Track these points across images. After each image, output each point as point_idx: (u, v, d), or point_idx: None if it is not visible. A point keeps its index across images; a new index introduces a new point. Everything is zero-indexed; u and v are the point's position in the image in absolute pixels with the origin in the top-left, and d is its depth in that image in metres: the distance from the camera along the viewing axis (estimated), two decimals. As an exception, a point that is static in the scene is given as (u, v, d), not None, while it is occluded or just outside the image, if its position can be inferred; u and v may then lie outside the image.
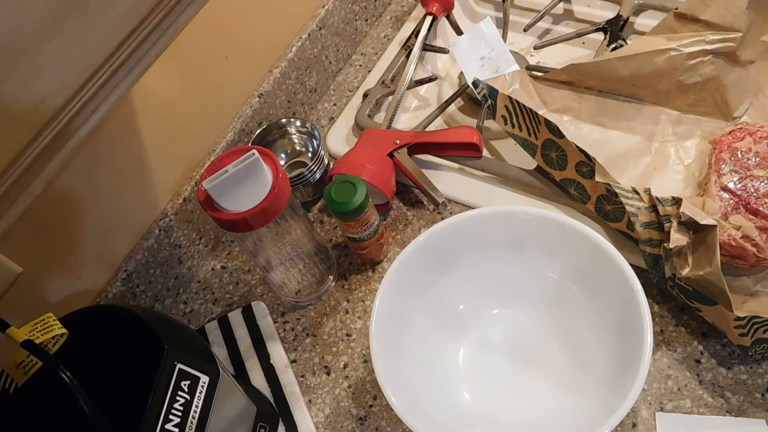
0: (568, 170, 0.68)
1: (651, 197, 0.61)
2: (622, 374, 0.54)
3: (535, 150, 0.71)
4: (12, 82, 0.40)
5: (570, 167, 0.67)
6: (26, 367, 0.44)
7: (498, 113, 0.73)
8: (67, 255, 0.64)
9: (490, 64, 0.79)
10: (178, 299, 0.77)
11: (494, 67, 0.79)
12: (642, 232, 0.61)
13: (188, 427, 0.49)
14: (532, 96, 0.76)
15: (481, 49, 0.80)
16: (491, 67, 0.79)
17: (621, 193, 0.62)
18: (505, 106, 0.72)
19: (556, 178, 0.70)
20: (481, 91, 0.73)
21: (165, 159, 0.72)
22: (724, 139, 0.66)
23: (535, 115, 0.68)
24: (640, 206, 0.61)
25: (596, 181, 0.64)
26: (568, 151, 0.67)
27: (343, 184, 0.66)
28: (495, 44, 0.79)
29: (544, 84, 0.77)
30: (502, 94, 0.71)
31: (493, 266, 0.65)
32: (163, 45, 0.48)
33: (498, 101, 0.72)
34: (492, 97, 0.73)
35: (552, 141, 0.68)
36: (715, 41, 0.69)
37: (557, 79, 0.76)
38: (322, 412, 0.66)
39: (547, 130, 0.68)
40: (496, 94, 0.72)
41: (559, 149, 0.68)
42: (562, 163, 0.68)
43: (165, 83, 0.69)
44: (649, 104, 0.74)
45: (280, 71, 0.82)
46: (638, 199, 0.61)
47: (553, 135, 0.67)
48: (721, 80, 0.70)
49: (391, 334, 0.60)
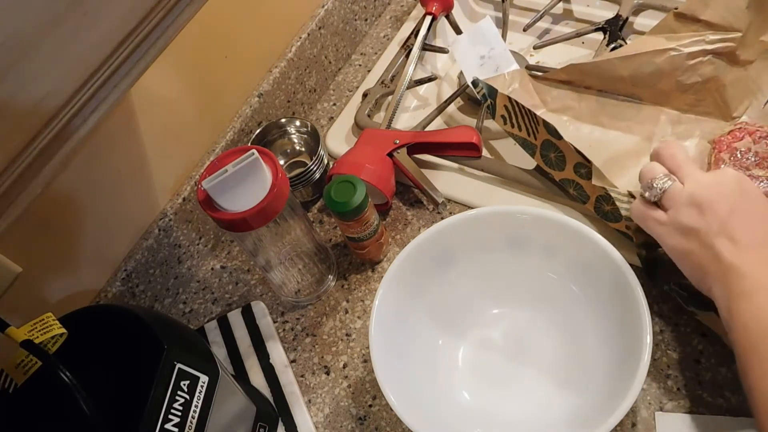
0: (567, 171, 0.68)
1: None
2: (622, 374, 0.54)
3: (535, 150, 0.71)
4: (11, 82, 0.40)
5: (569, 168, 0.67)
6: (26, 366, 0.44)
7: (497, 113, 0.73)
8: (66, 255, 0.64)
9: (489, 63, 0.79)
10: (178, 299, 0.77)
11: (494, 66, 0.79)
12: (638, 236, 0.61)
13: (188, 426, 0.49)
14: (532, 95, 0.76)
15: (481, 48, 0.79)
16: (491, 66, 0.79)
17: (616, 197, 0.62)
18: (505, 105, 0.72)
19: (556, 178, 0.70)
20: (481, 91, 0.73)
21: (164, 159, 0.72)
22: (724, 139, 0.66)
23: (534, 116, 0.68)
24: None
25: (593, 183, 0.64)
26: (566, 153, 0.67)
27: (343, 183, 0.66)
28: (495, 43, 0.79)
29: (544, 83, 0.77)
30: (502, 93, 0.71)
31: (492, 266, 0.65)
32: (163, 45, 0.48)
33: (497, 101, 0.72)
34: (491, 97, 0.73)
35: (551, 142, 0.68)
36: (715, 41, 0.69)
37: (557, 79, 0.76)
38: (321, 411, 0.66)
39: (546, 131, 0.68)
40: (496, 93, 0.72)
41: (557, 150, 0.68)
42: (561, 164, 0.68)
43: (164, 83, 0.69)
44: (648, 104, 0.74)
45: (280, 71, 0.82)
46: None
47: (551, 136, 0.67)
48: (721, 80, 0.70)
49: (391, 334, 0.60)
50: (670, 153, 0.58)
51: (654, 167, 0.57)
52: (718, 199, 0.53)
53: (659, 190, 0.55)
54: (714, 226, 0.52)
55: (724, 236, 0.52)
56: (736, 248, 0.51)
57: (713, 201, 0.53)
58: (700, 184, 0.54)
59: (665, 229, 0.55)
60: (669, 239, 0.55)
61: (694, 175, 0.55)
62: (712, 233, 0.52)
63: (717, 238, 0.52)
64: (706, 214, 0.53)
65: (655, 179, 0.56)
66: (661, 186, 0.55)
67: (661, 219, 0.55)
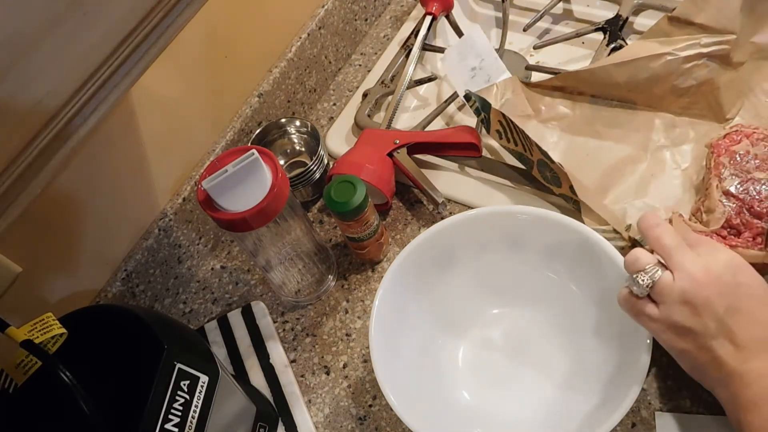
0: (564, 189, 0.68)
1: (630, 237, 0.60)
2: (622, 374, 0.55)
3: (532, 165, 0.71)
4: (11, 82, 0.40)
5: (565, 187, 0.67)
6: (26, 366, 0.44)
7: (492, 128, 0.73)
8: (66, 255, 0.64)
9: (481, 74, 0.78)
10: (178, 299, 0.77)
11: (485, 76, 0.77)
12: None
13: (188, 426, 0.49)
14: (525, 104, 0.74)
15: (471, 60, 0.78)
16: (482, 77, 0.77)
17: (604, 236, 0.60)
18: (499, 121, 0.71)
19: (554, 192, 0.69)
20: (474, 104, 0.73)
21: (164, 159, 0.72)
22: (721, 142, 0.65)
23: (527, 137, 0.68)
24: (622, 246, 0.60)
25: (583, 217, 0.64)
26: (560, 174, 0.67)
27: (343, 184, 0.66)
28: (485, 53, 0.78)
29: (537, 91, 0.76)
30: (495, 109, 0.71)
31: (492, 266, 0.65)
32: (163, 45, 0.48)
33: (491, 116, 0.72)
34: (485, 111, 0.72)
35: (545, 162, 0.68)
36: (709, 44, 0.69)
37: (550, 86, 0.76)
38: (321, 411, 0.66)
39: (539, 152, 0.67)
40: (489, 108, 0.71)
41: (552, 171, 0.67)
42: (557, 182, 0.68)
43: (164, 83, 0.69)
44: (642, 108, 0.74)
45: (280, 71, 0.82)
46: (620, 239, 0.61)
47: (545, 158, 0.67)
48: (715, 82, 0.70)
49: (391, 334, 0.60)
50: (654, 236, 0.52)
51: (639, 257, 0.51)
52: (713, 298, 0.48)
53: (646, 286, 0.50)
54: (711, 327, 0.48)
55: (723, 338, 0.48)
56: (738, 352, 0.48)
57: (708, 299, 0.48)
58: (692, 280, 0.49)
59: (658, 325, 0.51)
60: (663, 335, 0.51)
61: (684, 265, 0.49)
62: (709, 335, 0.48)
63: (715, 340, 0.48)
64: (702, 314, 0.48)
65: (640, 274, 0.51)
66: (647, 282, 0.50)
67: (653, 315, 0.51)
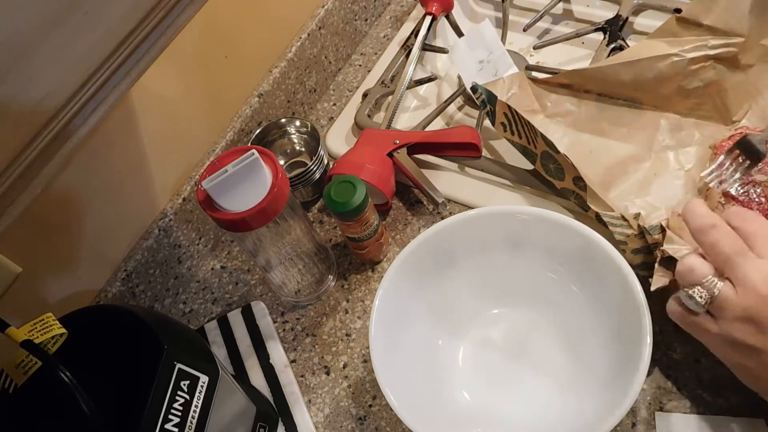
0: (567, 182, 0.68)
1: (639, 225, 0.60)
2: (622, 373, 0.54)
3: (535, 158, 0.71)
4: (10, 83, 0.40)
5: (568, 179, 0.67)
6: (26, 367, 0.44)
7: (497, 120, 0.73)
8: (66, 255, 0.64)
9: (488, 67, 0.79)
10: (178, 299, 0.77)
11: (493, 70, 0.78)
12: (633, 257, 0.60)
13: (188, 426, 0.49)
14: (531, 99, 0.75)
15: (480, 53, 0.79)
16: (490, 70, 0.78)
17: (609, 221, 0.61)
18: (504, 113, 0.71)
19: (557, 186, 0.69)
20: (480, 97, 0.73)
21: (164, 159, 0.72)
22: (725, 144, 0.66)
23: (533, 128, 0.68)
24: (629, 233, 0.60)
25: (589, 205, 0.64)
26: (564, 166, 0.66)
27: (343, 184, 0.66)
28: (494, 47, 0.79)
29: (543, 87, 0.76)
30: (501, 101, 0.71)
31: (492, 266, 0.65)
32: (163, 45, 0.48)
33: (497, 108, 0.72)
34: (491, 103, 0.72)
35: (549, 154, 0.68)
36: (717, 46, 0.69)
37: (557, 83, 0.76)
38: (321, 411, 0.66)
39: (545, 143, 0.67)
40: (495, 100, 0.72)
41: (556, 162, 0.67)
42: (560, 175, 0.68)
43: (164, 83, 0.69)
44: (648, 108, 0.73)
45: (280, 71, 0.82)
46: (627, 226, 0.61)
47: (549, 149, 0.67)
48: (722, 84, 0.70)
49: (391, 334, 0.60)
50: (710, 242, 0.48)
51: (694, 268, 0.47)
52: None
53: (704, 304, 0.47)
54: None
55: None
56: None
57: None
58: (758, 296, 0.45)
59: (715, 340, 0.48)
60: (719, 349, 0.49)
61: (747, 278, 0.46)
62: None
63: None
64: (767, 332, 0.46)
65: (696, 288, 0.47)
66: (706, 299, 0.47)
67: (711, 329, 0.48)
